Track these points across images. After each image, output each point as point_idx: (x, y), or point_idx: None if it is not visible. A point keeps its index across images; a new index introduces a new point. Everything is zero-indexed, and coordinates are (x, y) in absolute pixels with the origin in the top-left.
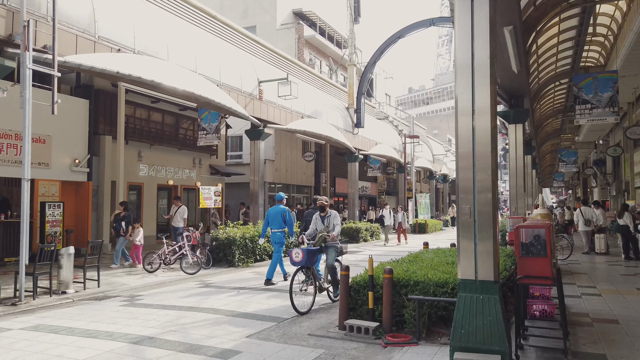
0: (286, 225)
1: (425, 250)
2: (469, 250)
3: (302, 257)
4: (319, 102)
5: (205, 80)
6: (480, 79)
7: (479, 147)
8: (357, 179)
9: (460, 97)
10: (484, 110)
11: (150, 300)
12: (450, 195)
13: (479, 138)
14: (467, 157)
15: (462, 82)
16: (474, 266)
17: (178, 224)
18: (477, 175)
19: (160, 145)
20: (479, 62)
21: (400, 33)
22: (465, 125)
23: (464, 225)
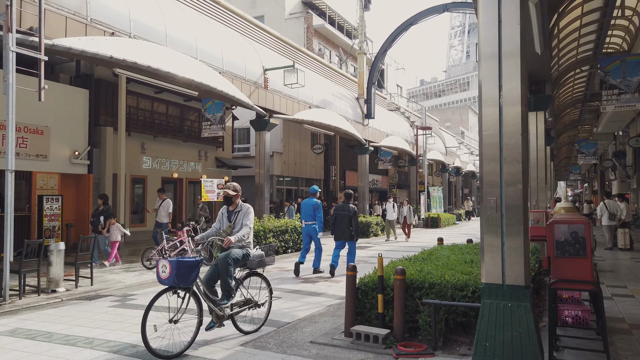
0: (316, 218)
1: (440, 247)
2: (494, 249)
3: (170, 272)
4: (327, 91)
5: (207, 67)
6: (510, 63)
7: (507, 139)
8: (368, 172)
9: (486, 84)
10: (514, 98)
11: (143, 300)
12: (463, 188)
13: (508, 128)
14: (493, 148)
15: (487, 67)
16: (500, 268)
17: (162, 219)
18: (505, 167)
19: (164, 137)
20: (507, 43)
21: (413, 19)
22: (491, 116)
23: (489, 221)
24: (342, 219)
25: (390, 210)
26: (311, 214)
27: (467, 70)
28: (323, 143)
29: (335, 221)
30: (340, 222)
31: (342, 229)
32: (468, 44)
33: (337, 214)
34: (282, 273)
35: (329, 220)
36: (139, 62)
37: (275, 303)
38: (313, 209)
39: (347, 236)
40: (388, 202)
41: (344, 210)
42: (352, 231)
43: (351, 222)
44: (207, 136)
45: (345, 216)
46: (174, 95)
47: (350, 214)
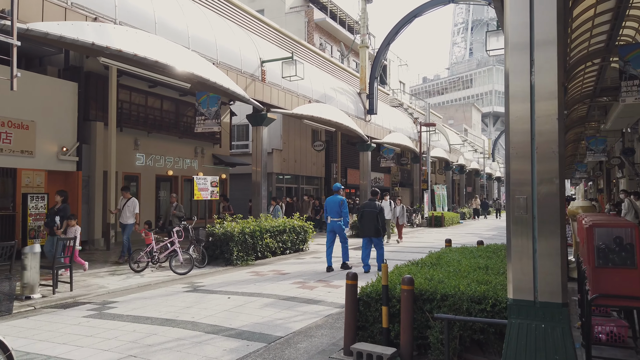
0: (342, 214)
1: (449, 250)
2: (524, 258)
3: None
4: (328, 86)
5: (200, 57)
6: (544, 53)
7: (541, 137)
8: (370, 170)
9: (514, 78)
10: (549, 93)
11: (123, 309)
12: (467, 187)
13: (542, 126)
14: (522, 146)
15: (516, 59)
16: (532, 281)
17: (127, 220)
18: (537, 165)
19: (159, 133)
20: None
21: (417, 11)
22: (520, 112)
23: (518, 223)
24: (369, 216)
25: (386, 209)
26: (337, 211)
27: (470, 67)
28: (324, 140)
29: (362, 218)
30: (367, 219)
31: (368, 226)
32: (471, 41)
33: (364, 212)
34: (277, 277)
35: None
36: (124, 50)
37: (268, 313)
38: (339, 206)
39: (373, 233)
40: (384, 200)
41: (371, 208)
42: (379, 227)
43: (378, 219)
44: (201, 131)
45: (372, 213)
46: (169, 89)
47: (377, 211)
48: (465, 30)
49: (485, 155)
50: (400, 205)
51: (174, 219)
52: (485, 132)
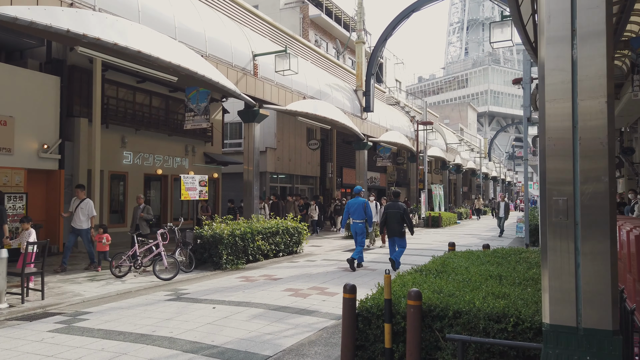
0: (366, 216)
1: (453, 254)
2: (564, 273)
3: None
4: (323, 82)
5: (187, 49)
6: (590, 45)
7: (586, 133)
8: (366, 169)
9: (552, 70)
10: (596, 90)
11: (96, 321)
12: (463, 186)
13: (587, 122)
14: (561, 143)
15: (554, 53)
16: (574, 303)
17: (81, 224)
18: (580, 163)
19: (147, 130)
20: (586, 19)
21: (415, 5)
22: (559, 114)
23: (556, 230)
24: (393, 217)
25: (372, 210)
26: (360, 213)
27: (466, 67)
28: (319, 139)
29: (386, 219)
30: (391, 219)
31: (393, 226)
32: (467, 40)
33: (388, 212)
34: (269, 283)
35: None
36: (103, 39)
37: (256, 326)
38: (362, 208)
39: (397, 233)
40: (369, 201)
41: (395, 209)
42: (403, 227)
43: (403, 219)
44: (190, 128)
45: (396, 214)
46: (158, 85)
47: (401, 211)
48: (461, 29)
49: (482, 154)
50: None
51: (141, 222)
52: (481, 132)
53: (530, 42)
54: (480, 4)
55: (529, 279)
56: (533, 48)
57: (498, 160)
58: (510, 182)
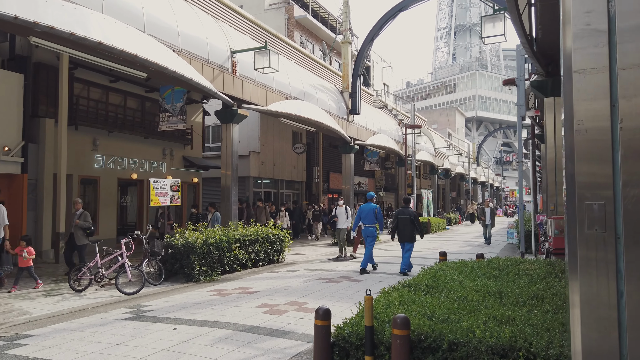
0: (377, 221)
1: (445, 265)
2: (601, 306)
3: None
4: (307, 83)
5: (157, 42)
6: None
7: (629, 135)
8: (352, 173)
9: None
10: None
11: (33, 348)
12: (451, 192)
13: (630, 99)
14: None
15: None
16: (616, 344)
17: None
18: (622, 152)
19: (121, 132)
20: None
21: (402, 5)
22: (591, 84)
23: (590, 246)
24: (404, 222)
25: (341, 216)
26: (372, 218)
27: (454, 72)
28: (305, 142)
29: (397, 225)
30: (403, 225)
31: (404, 232)
32: (454, 46)
33: (399, 218)
34: (243, 297)
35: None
36: (58, 27)
37: (219, 352)
38: (374, 213)
39: (408, 238)
40: (339, 206)
41: (405, 214)
42: (414, 232)
43: (414, 224)
44: (165, 129)
45: (407, 219)
46: (133, 85)
47: (412, 217)
48: (448, 35)
49: (470, 159)
50: None
51: (77, 231)
52: (469, 137)
53: (526, 33)
54: (467, 9)
55: (533, 296)
56: (528, 40)
57: (486, 165)
58: (499, 187)
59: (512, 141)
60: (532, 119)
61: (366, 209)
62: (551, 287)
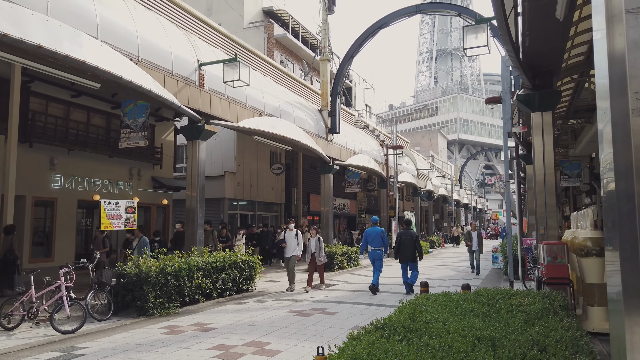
0: (383, 243)
1: (426, 299)
2: None
3: None
4: (283, 99)
5: (112, 50)
6: None
7: None
8: (332, 194)
9: None
10: None
11: None
12: (434, 214)
13: None
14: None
15: None
16: None
17: None
18: None
19: (83, 150)
20: None
21: (382, 22)
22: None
23: None
24: (406, 244)
25: (291, 242)
26: (379, 241)
27: (436, 95)
28: (284, 163)
29: (399, 246)
30: (404, 246)
31: (406, 252)
32: (436, 69)
33: (401, 239)
34: (197, 337)
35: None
36: None
37: None
38: (380, 236)
39: (410, 258)
40: (288, 230)
41: (407, 236)
42: (415, 253)
43: (415, 245)
44: (125, 146)
45: (408, 241)
46: (98, 100)
47: (413, 238)
48: (430, 59)
49: (453, 181)
50: (316, 237)
51: None
52: (452, 159)
53: (512, 40)
54: (448, 34)
55: (533, 343)
56: (514, 48)
57: (469, 187)
58: (482, 210)
59: (494, 164)
60: (517, 137)
61: (372, 232)
62: (553, 330)
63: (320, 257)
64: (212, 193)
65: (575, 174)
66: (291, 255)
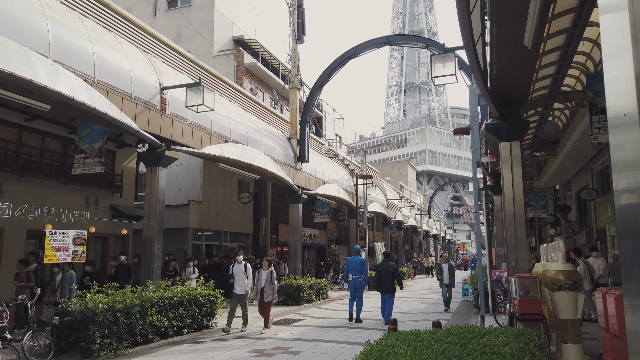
0: (362, 273)
1: (395, 338)
2: None
3: None
4: (251, 127)
5: (65, 70)
6: None
7: None
8: (300, 224)
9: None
10: None
11: None
12: (404, 244)
13: None
14: None
15: None
16: None
17: None
18: None
19: (35, 177)
20: None
21: (352, 52)
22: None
23: None
24: (385, 275)
25: (239, 277)
26: (359, 270)
27: (404, 127)
28: (252, 192)
29: (379, 277)
30: (384, 277)
31: (386, 284)
32: (404, 102)
33: (381, 271)
34: None
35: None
36: None
37: None
38: (360, 265)
39: (389, 289)
40: (236, 263)
41: (387, 267)
42: (394, 283)
43: (394, 277)
44: (80, 173)
45: (388, 272)
46: (54, 125)
47: (392, 269)
48: (399, 92)
49: (422, 212)
50: (268, 269)
51: None
52: (421, 190)
53: (480, 68)
54: (416, 69)
55: None
56: (483, 75)
57: (437, 218)
58: (450, 240)
59: (461, 195)
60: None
61: (354, 261)
62: None
63: (269, 293)
64: (176, 223)
65: (541, 205)
66: (240, 293)
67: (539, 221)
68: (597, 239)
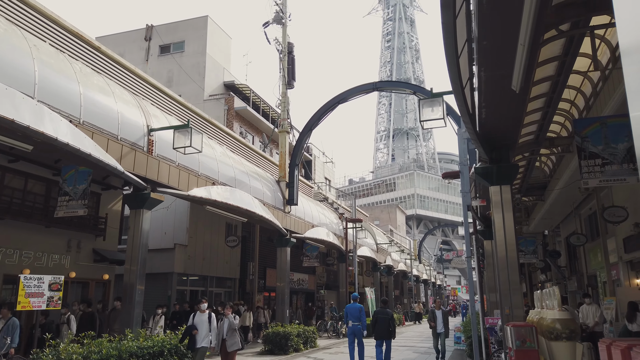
0: (361, 320)
1: None
2: None
3: None
4: (239, 169)
5: (49, 110)
6: None
7: None
8: (288, 269)
9: None
10: None
11: None
12: (394, 290)
13: None
14: None
15: None
16: None
17: None
18: None
19: (15, 220)
20: None
21: (341, 97)
22: None
23: None
24: (382, 322)
25: (202, 327)
26: (357, 316)
27: (393, 171)
28: (240, 235)
29: (376, 323)
30: (381, 324)
31: (382, 330)
32: (393, 147)
33: (378, 317)
34: None
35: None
36: None
37: None
38: (359, 312)
39: (386, 336)
40: (199, 312)
41: (384, 314)
42: (389, 330)
43: (390, 324)
44: (62, 215)
45: (385, 319)
46: (37, 166)
47: (389, 317)
48: (387, 137)
49: (412, 256)
50: (230, 315)
51: None
52: (410, 234)
53: (469, 112)
54: (404, 115)
55: None
56: (471, 119)
57: (427, 262)
58: (441, 286)
59: (451, 239)
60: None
61: (353, 308)
62: None
63: (233, 342)
64: (161, 267)
65: (531, 251)
66: (200, 345)
67: (529, 266)
68: (588, 285)
